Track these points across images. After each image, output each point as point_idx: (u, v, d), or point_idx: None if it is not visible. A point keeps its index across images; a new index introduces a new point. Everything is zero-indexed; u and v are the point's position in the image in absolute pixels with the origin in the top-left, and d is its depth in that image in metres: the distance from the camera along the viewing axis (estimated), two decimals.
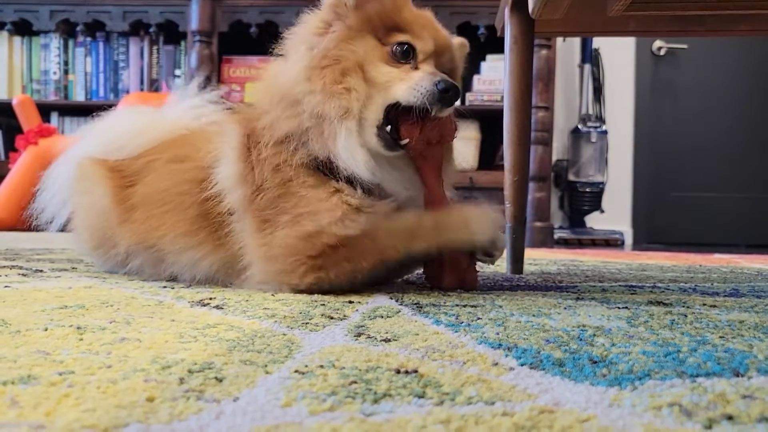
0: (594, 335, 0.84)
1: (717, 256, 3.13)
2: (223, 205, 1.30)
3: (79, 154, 1.63)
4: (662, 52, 5.00)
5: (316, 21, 1.30)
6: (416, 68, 1.26)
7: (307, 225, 1.21)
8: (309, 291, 1.22)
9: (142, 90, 4.59)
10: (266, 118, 1.29)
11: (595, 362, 0.69)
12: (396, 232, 1.23)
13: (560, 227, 4.64)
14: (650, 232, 4.94)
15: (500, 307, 1.08)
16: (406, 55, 1.26)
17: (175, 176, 1.40)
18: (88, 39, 4.66)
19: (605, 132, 4.55)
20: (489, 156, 4.40)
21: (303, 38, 1.31)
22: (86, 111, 4.53)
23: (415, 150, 1.26)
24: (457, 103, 1.24)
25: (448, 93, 1.20)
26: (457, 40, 1.44)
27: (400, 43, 1.26)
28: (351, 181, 1.25)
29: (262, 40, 4.33)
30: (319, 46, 1.26)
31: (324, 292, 1.21)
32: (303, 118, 1.24)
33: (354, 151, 1.23)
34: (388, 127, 1.24)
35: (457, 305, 1.09)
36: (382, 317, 0.96)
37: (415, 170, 1.31)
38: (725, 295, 1.33)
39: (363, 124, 1.24)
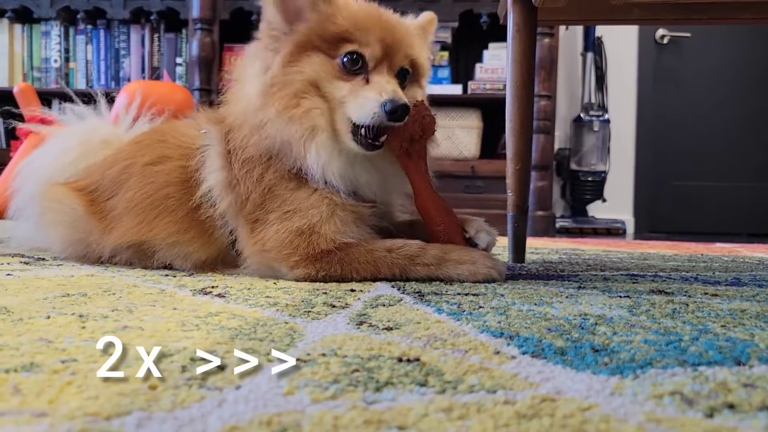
0: (596, 324, 0.84)
1: (718, 245, 3.12)
2: (213, 210, 1.34)
3: (34, 179, 1.66)
4: (665, 41, 4.97)
5: (262, 45, 1.31)
6: (367, 80, 1.25)
7: (297, 221, 1.25)
8: (295, 281, 1.26)
9: (143, 78, 4.58)
10: (237, 136, 1.31)
11: (597, 351, 0.69)
12: (397, 254, 1.25)
13: (562, 216, 4.64)
14: (652, 221, 4.94)
15: (502, 295, 1.08)
16: (355, 64, 1.26)
17: (156, 179, 1.41)
18: (89, 27, 4.64)
19: (607, 121, 4.54)
20: (491, 145, 4.39)
21: (257, 53, 1.32)
22: (87, 99, 4.56)
23: (400, 148, 1.27)
24: (459, 92, 1.22)
25: (395, 113, 1.20)
26: (423, 18, 1.44)
27: (347, 54, 1.26)
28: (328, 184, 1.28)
29: None
30: (272, 67, 1.27)
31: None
32: (270, 142, 1.27)
33: (326, 165, 1.26)
34: (363, 130, 1.23)
35: (458, 294, 1.09)
36: (384, 306, 0.97)
37: (397, 168, 1.33)
38: (727, 284, 1.33)
39: (337, 133, 1.27)
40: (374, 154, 1.28)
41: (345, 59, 1.25)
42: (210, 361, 0.62)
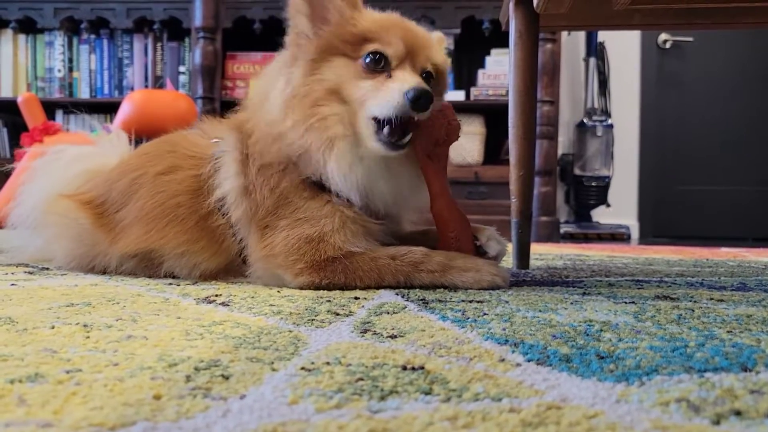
0: (601, 330, 0.84)
1: (724, 249, 3.11)
2: (226, 217, 1.34)
3: (38, 194, 1.67)
4: (668, 45, 4.97)
5: (288, 54, 1.33)
6: (390, 76, 1.25)
7: (308, 229, 1.26)
8: (299, 289, 1.26)
9: (146, 87, 4.59)
10: (255, 144, 1.32)
11: (602, 358, 0.69)
12: (401, 261, 1.25)
13: (566, 222, 4.63)
14: (656, 226, 4.93)
15: (506, 302, 1.08)
16: (378, 64, 1.25)
17: (168, 188, 1.41)
18: (93, 36, 4.66)
19: (611, 126, 4.54)
20: (494, 151, 4.39)
21: (280, 69, 1.33)
22: (91, 108, 4.58)
23: (425, 151, 1.27)
24: (462, 98, 1.23)
25: (419, 101, 1.18)
26: (435, 35, 1.43)
27: (369, 54, 1.26)
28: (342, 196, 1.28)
29: (266, 35, 4.33)
30: (293, 79, 1.28)
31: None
32: (291, 150, 1.27)
33: (347, 175, 1.25)
34: (386, 129, 1.22)
35: (463, 301, 1.09)
36: (388, 313, 0.96)
37: (416, 174, 1.32)
38: (732, 290, 1.32)
39: (359, 138, 1.26)
40: (398, 156, 1.26)
41: (368, 59, 1.25)
42: (215, 370, 0.62)
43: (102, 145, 1.80)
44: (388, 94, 1.21)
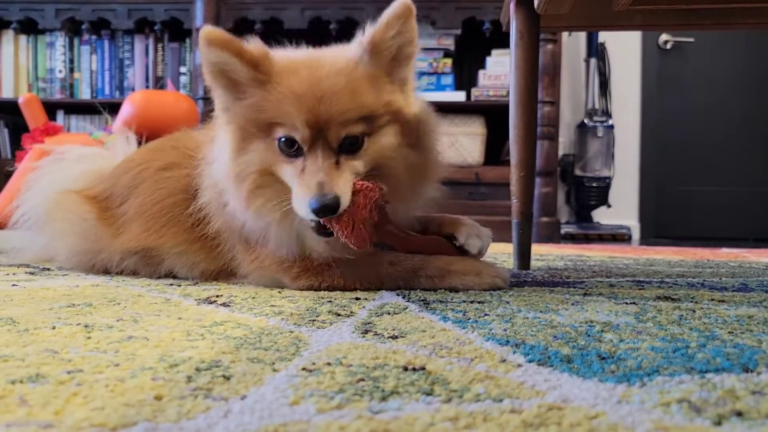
0: (602, 331, 0.84)
1: (725, 250, 3.11)
2: (210, 227, 1.33)
3: (42, 193, 1.68)
4: (668, 46, 4.97)
5: (222, 116, 1.25)
6: (304, 162, 1.14)
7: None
8: (299, 290, 1.26)
9: (147, 88, 4.59)
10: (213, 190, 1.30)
11: (604, 358, 0.69)
12: (400, 266, 1.25)
13: (567, 222, 4.63)
14: (657, 227, 4.92)
15: (507, 303, 1.08)
16: (291, 147, 1.15)
17: (167, 185, 1.42)
18: (94, 37, 4.66)
19: (611, 126, 4.53)
20: (495, 151, 4.39)
21: (221, 129, 1.27)
22: (92, 109, 4.58)
23: (363, 234, 1.15)
24: (463, 98, 1.19)
25: (320, 213, 1.09)
26: (392, 9, 1.18)
27: (279, 138, 1.16)
28: None
29: (267, 37, 4.33)
30: (227, 155, 1.22)
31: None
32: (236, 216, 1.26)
33: (290, 242, 1.24)
34: (312, 222, 1.16)
35: (464, 301, 1.09)
36: (389, 314, 0.96)
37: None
38: (733, 290, 1.32)
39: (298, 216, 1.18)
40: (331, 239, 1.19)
41: (280, 144, 1.16)
42: (216, 370, 0.62)
43: (113, 146, 1.82)
44: (299, 200, 1.12)
